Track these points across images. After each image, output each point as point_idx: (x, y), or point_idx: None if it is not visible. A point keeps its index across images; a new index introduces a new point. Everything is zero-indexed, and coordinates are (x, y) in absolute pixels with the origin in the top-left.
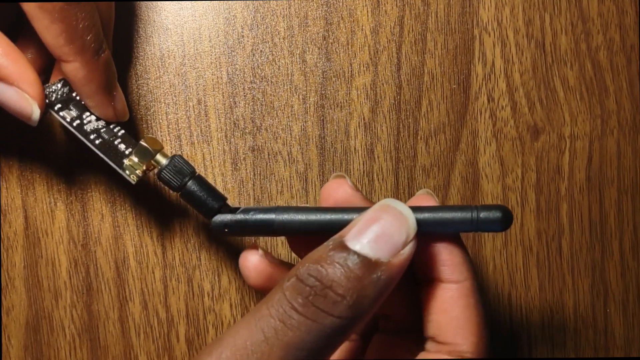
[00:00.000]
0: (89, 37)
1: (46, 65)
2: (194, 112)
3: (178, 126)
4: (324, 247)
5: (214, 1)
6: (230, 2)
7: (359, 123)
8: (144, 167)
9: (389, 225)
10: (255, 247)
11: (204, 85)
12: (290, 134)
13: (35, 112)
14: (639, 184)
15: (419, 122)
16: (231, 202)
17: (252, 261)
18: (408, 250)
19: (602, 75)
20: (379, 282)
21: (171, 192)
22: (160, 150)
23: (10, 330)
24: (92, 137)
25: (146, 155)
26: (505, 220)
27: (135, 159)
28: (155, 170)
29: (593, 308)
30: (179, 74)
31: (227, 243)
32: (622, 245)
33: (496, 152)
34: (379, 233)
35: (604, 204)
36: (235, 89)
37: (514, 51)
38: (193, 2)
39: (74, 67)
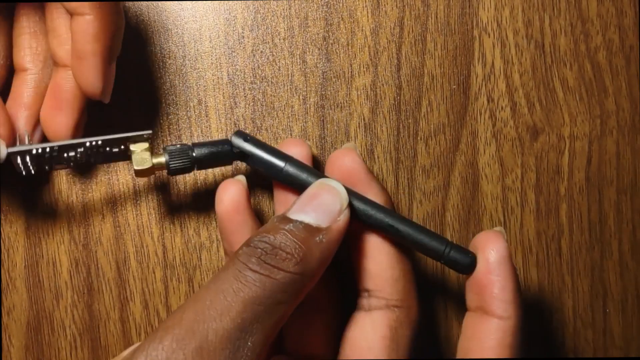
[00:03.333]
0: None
1: (5, 79)
2: (195, 112)
3: (179, 126)
4: (270, 221)
5: (215, 2)
6: (230, 2)
7: (359, 123)
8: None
9: (325, 197)
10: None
11: (204, 86)
12: (291, 135)
13: (3, 152)
14: (638, 185)
15: (419, 123)
16: None
17: (235, 190)
18: (343, 217)
19: (602, 76)
20: (322, 244)
21: (170, 191)
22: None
23: (11, 330)
24: (92, 160)
25: (144, 160)
26: (470, 268)
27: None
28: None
29: (592, 308)
30: (179, 75)
31: None
32: (621, 246)
33: (496, 152)
34: (316, 204)
35: (603, 205)
36: (236, 89)
37: (514, 52)
38: (193, 2)
39: (86, 21)
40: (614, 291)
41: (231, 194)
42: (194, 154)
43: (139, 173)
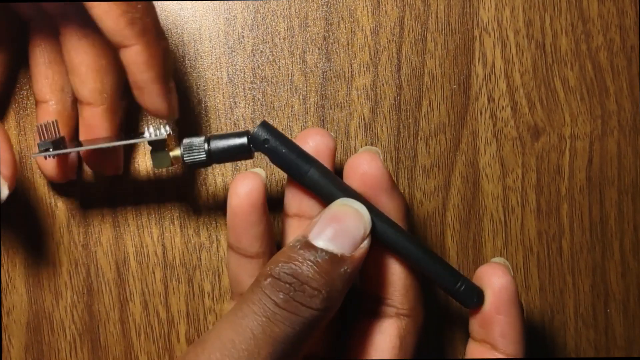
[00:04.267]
0: (149, 20)
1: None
2: (194, 112)
3: (178, 126)
4: (291, 247)
5: (215, 1)
6: (230, 2)
7: (359, 123)
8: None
9: (348, 222)
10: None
11: (204, 86)
12: (291, 135)
13: (4, 193)
14: (639, 185)
15: (419, 123)
16: None
17: (252, 183)
18: (366, 243)
19: (603, 75)
20: (346, 275)
21: (170, 192)
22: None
23: (11, 330)
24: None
25: (164, 159)
26: (478, 305)
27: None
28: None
29: (594, 308)
30: (179, 75)
31: (227, 243)
32: (622, 246)
33: (496, 152)
34: (340, 230)
35: (605, 205)
36: (236, 89)
37: (514, 52)
38: (193, 2)
39: (134, 52)
40: (615, 291)
41: (248, 187)
42: (209, 147)
43: (158, 167)
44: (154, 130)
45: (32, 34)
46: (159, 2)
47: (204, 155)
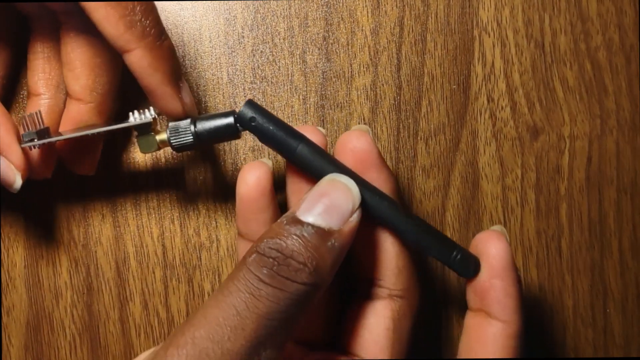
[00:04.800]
0: (148, 21)
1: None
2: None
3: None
4: (279, 223)
5: (214, 2)
6: (230, 2)
7: (359, 123)
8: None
9: (336, 197)
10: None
11: (204, 86)
12: None
13: (18, 182)
14: (638, 184)
15: (419, 123)
16: (232, 203)
17: (260, 171)
18: (355, 218)
19: (602, 75)
20: (334, 249)
21: (170, 191)
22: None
23: (10, 330)
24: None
25: (150, 143)
26: (475, 273)
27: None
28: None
29: (592, 308)
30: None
31: (227, 243)
32: (621, 245)
33: (496, 152)
34: (329, 205)
35: (604, 204)
36: (236, 89)
37: (514, 51)
38: (193, 2)
39: (137, 56)
40: (614, 290)
41: (256, 175)
42: (195, 129)
43: (144, 151)
44: (139, 115)
45: (34, 28)
46: (159, 3)
47: (191, 138)
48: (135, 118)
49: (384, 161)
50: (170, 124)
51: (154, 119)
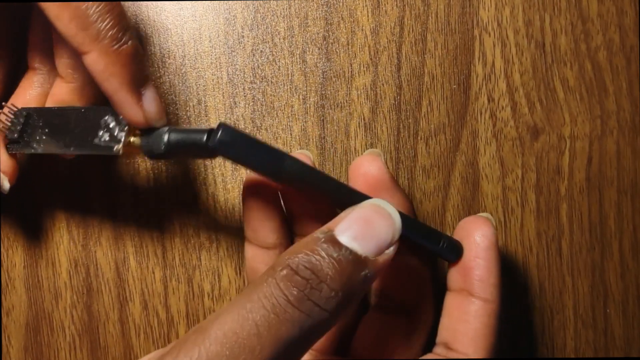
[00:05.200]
0: (105, 23)
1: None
2: (194, 112)
3: (178, 126)
4: (315, 238)
5: (214, 1)
6: (230, 2)
7: (359, 123)
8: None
9: (379, 225)
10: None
11: (204, 86)
12: (291, 134)
13: (5, 186)
14: (638, 185)
15: (419, 123)
16: (232, 204)
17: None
18: (392, 250)
19: (602, 75)
20: (366, 279)
21: (169, 191)
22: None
23: (10, 331)
24: (62, 146)
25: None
26: (459, 257)
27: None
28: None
29: (593, 309)
30: (179, 74)
31: (227, 243)
32: (621, 246)
33: (496, 152)
34: (369, 231)
35: (604, 205)
36: (236, 89)
37: (514, 51)
38: (193, 2)
39: (91, 59)
40: (614, 292)
41: (263, 181)
42: (166, 139)
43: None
44: (114, 126)
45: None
46: (159, 3)
47: (162, 147)
48: (101, 139)
49: (397, 184)
50: (145, 129)
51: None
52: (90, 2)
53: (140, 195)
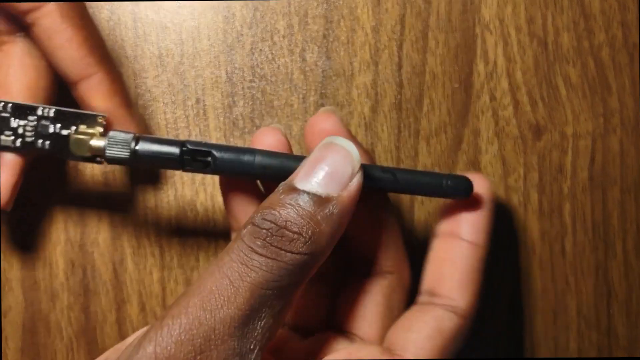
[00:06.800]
0: (105, 46)
1: None
2: (193, 111)
3: (176, 125)
4: (275, 193)
5: (213, 0)
6: (229, 0)
7: (359, 122)
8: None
9: (334, 161)
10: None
11: (202, 84)
12: (290, 134)
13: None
14: None
15: (420, 122)
16: None
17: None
18: (355, 182)
19: (605, 73)
20: (333, 216)
21: (168, 191)
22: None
23: (7, 332)
24: (39, 144)
25: (83, 145)
26: (469, 190)
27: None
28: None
29: (596, 309)
30: (177, 73)
31: (226, 243)
32: (625, 246)
33: (498, 151)
34: (327, 170)
35: (607, 204)
36: (234, 88)
37: (516, 49)
38: (192, 0)
39: (96, 81)
40: (618, 292)
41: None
42: (135, 147)
43: (74, 151)
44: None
45: None
46: (157, 1)
47: (127, 153)
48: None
49: (355, 139)
50: (111, 132)
51: (104, 120)
52: (94, 26)
53: (138, 195)
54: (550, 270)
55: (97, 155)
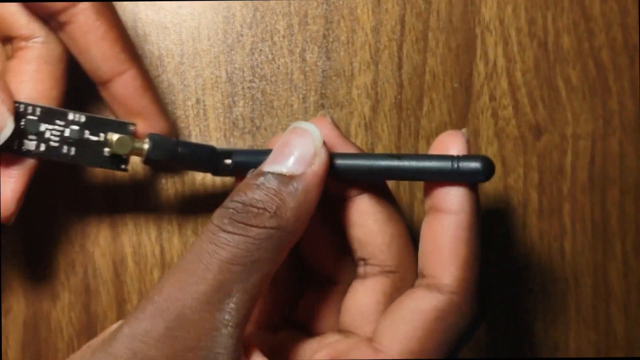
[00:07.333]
0: (133, 42)
1: None
2: (193, 111)
3: (176, 126)
4: (244, 179)
5: (213, 0)
6: (229, 0)
7: (359, 122)
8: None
9: (296, 143)
10: None
11: (202, 85)
12: None
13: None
14: None
15: (420, 122)
16: None
17: None
18: (318, 160)
19: (605, 74)
20: (297, 192)
21: (168, 191)
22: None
23: (8, 331)
24: (64, 150)
25: (126, 145)
26: (489, 171)
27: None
28: (142, 157)
29: (595, 309)
30: (177, 73)
31: None
32: (624, 246)
33: (498, 151)
34: (287, 150)
35: (607, 205)
36: (234, 88)
37: (516, 50)
38: (192, 1)
39: (131, 77)
40: (617, 292)
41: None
42: (178, 150)
43: (116, 151)
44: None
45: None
46: (157, 1)
47: (169, 157)
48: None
49: (349, 140)
50: (153, 135)
51: (134, 129)
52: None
53: (139, 194)
54: (549, 270)
55: (122, 162)
